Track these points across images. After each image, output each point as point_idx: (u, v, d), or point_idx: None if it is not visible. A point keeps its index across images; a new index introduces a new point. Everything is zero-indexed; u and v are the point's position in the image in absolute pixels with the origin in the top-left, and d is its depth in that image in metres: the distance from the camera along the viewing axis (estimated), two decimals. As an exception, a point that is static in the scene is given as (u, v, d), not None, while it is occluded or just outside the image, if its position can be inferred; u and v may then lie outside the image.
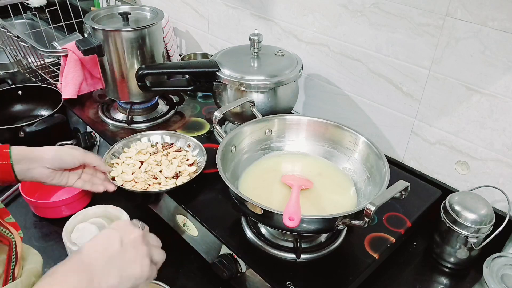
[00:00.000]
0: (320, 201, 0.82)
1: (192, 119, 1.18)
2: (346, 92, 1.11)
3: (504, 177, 0.91)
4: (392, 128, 1.06)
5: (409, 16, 0.92)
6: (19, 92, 1.34)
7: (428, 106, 0.97)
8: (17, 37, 1.27)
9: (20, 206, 1.02)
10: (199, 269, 0.87)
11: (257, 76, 0.98)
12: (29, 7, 1.95)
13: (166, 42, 1.36)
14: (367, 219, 0.66)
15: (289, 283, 0.73)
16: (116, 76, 1.13)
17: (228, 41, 1.38)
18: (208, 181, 0.94)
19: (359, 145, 0.86)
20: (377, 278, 0.84)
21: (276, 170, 0.89)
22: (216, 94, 1.05)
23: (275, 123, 0.92)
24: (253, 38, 1.01)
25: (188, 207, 0.88)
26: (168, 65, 1.13)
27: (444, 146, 0.97)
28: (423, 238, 0.95)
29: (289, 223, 0.66)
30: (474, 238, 0.83)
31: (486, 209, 0.83)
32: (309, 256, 0.79)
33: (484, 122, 0.89)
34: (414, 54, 0.94)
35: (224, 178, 0.73)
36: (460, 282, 0.87)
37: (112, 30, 1.06)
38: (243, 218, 0.85)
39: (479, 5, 0.81)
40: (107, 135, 1.12)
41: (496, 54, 0.82)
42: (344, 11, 1.03)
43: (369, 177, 0.82)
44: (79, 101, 1.25)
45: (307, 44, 1.14)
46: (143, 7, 1.17)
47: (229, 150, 0.84)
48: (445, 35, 0.88)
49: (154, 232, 0.95)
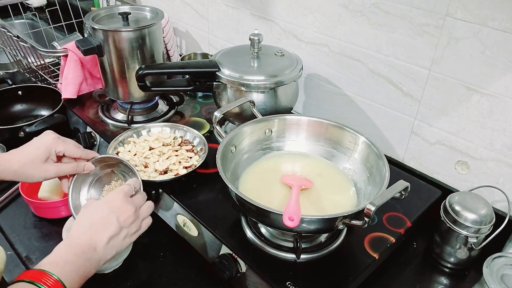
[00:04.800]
0: (320, 201, 0.82)
1: (192, 119, 1.18)
2: (346, 92, 1.11)
3: (504, 177, 0.90)
4: (392, 128, 1.06)
5: (409, 16, 0.92)
6: (19, 92, 1.34)
7: (428, 106, 0.97)
8: (17, 37, 1.27)
9: (20, 206, 1.02)
10: (199, 269, 0.87)
11: (257, 76, 0.98)
12: (29, 7, 1.95)
13: (166, 42, 1.36)
14: (367, 219, 0.66)
15: (289, 283, 0.73)
16: (116, 76, 1.13)
17: (228, 41, 1.38)
18: (208, 181, 0.95)
19: (359, 145, 0.86)
20: (377, 278, 0.84)
21: (276, 170, 0.89)
22: (216, 94, 1.05)
23: (275, 123, 0.92)
24: (253, 38, 1.01)
25: (188, 207, 0.88)
26: (168, 65, 1.13)
27: (444, 146, 0.97)
28: (423, 238, 0.95)
29: (289, 223, 0.66)
30: (474, 238, 0.83)
31: (486, 209, 0.83)
32: (309, 256, 0.79)
33: (484, 122, 0.89)
34: (414, 54, 0.94)
35: (224, 178, 0.73)
36: (460, 282, 0.87)
37: (112, 30, 1.06)
38: (243, 218, 0.85)
39: (479, 5, 0.81)
40: (107, 135, 1.12)
41: (496, 54, 0.82)
42: (344, 11, 1.03)
43: (369, 177, 0.82)
44: (79, 101, 1.25)
45: (307, 44, 1.14)
46: (143, 7, 1.17)
47: (229, 150, 0.84)
48: (445, 35, 0.88)
49: (154, 232, 0.96)
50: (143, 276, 0.86)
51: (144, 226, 0.75)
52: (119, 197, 0.72)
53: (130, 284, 0.84)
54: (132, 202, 0.73)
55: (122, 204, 0.72)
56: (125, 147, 1.01)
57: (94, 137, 1.14)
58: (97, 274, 0.84)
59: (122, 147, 1.01)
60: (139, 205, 0.75)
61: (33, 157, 0.78)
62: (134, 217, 0.72)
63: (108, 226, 0.69)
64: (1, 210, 1.01)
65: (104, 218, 0.69)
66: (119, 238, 0.70)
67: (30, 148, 0.79)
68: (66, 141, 0.82)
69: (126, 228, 0.70)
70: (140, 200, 0.76)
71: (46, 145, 0.79)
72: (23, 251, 0.91)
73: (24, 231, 0.96)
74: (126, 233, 0.71)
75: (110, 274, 0.86)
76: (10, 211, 1.01)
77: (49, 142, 0.80)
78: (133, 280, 0.85)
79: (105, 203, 0.72)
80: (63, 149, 0.80)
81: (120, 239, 0.70)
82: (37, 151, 0.78)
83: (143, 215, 0.74)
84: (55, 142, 0.80)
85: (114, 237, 0.69)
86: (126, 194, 0.74)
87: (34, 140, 0.81)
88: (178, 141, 1.04)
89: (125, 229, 0.70)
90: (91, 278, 0.85)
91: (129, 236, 0.71)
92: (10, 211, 1.01)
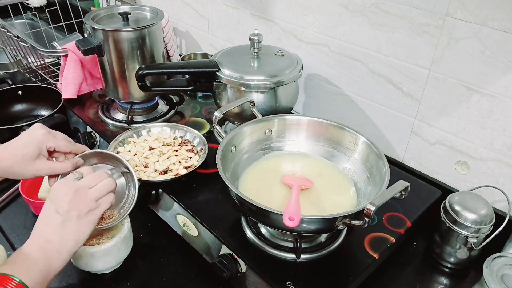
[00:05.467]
0: (320, 201, 0.82)
1: (192, 119, 1.18)
2: (346, 92, 1.11)
3: (504, 177, 0.90)
4: (392, 128, 1.06)
5: (409, 16, 0.92)
6: (19, 92, 1.34)
7: (428, 106, 0.97)
8: (17, 37, 1.27)
9: (20, 206, 1.02)
10: (199, 269, 0.87)
11: (257, 76, 0.98)
12: (29, 7, 1.95)
13: (166, 42, 1.36)
14: (367, 219, 0.66)
15: (289, 283, 0.73)
16: (116, 76, 1.13)
17: (228, 41, 1.38)
18: (208, 181, 0.95)
19: (359, 145, 0.86)
20: (377, 278, 0.84)
21: (276, 170, 0.89)
22: (216, 94, 1.05)
23: (275, 123, 0.92)
24: (253, 38, 1.01)
25: (188, 207, 0.88)
26: (168, 65, 1.13)
27: (444, 146, 0.97)
28: (423, 238, 0.95)
29: (289, 223, 0.66)
30: (474, 238, 0.83)
31: (486, 209, 0.83)
32: (309, 256, 0.79)
33: (484, 122, 0.89)
34: (414, 54, 0.94)
35: (224, 178, 0.73)
36: (460, 282, 0.87)
37: (112, 30, 1.06)
38: (243, 218, 0.85)
39: (479, 5, 0.81)
40: (107, 135, 1.12)
41: (496, 54, 0.82)
42: (344, 11, 1.03)
43: (369, 177, 0.82)
44: (79, 101, 1.25)
45: (307, 44, 1.14)
46: (143, 7, 1.17)
47: (229, 150, 0.84)
48: (445, 35, 0.88)
49: (154, 232, 0.96)
50: (143, 276, 0.86)
51: (103, 203, 0.73)
52: (56, 186, 0.72)
53: (130, 284, 0.84)
54: (72, 185, 0.71)
55: (59, 191, 0.71)
56: (125, 147, 1.01)
57: (94, 137, 1.14)
58: (97, 274, 0.84)
59: (122, 147, 1.01)
60: (85, 185, 0.72)
61: (24, 155, 0.76)
62: (75, 197, 0.70)
63: (52, 217, 0.68)
64: (1, 210, 1.01)
65: (46, 211, 0.70)
66: (70, 223, 0.68)
67: (20, 144, 0.77)
68: (57, 136, 0.80)
69: (71, 211, 0.68)
70: (88, 181, 0.74)
71: (36, 142, 0.77)
72: (23, 251, 0.91)
73: (24, 231, 0.96)
74: (75, 215, 0.69)
75: (110, 274, 0.86)
76: (10, 211, 1.01)
77: (39, 138, 0.77)
78: (133, 280, 0.85)
79: (48, 197, 0.71)
80: (53, 145, 0.79)
81: (72, 224, 0.68)
82: (27, 148, 0.76)
83: (95, 193, 0.72)
84: (46, 138, 0.78)
85: (62, 224, 0.68)
86: (65, 180, 0.73)
87: (23, 135, 0.78)
88: (178, 141, 1.04)
89: (71, 212, 0.68)
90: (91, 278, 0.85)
91: (83, 216, 0.69)
92: (10, 211, 1.01)
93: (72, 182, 0.73)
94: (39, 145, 0.77)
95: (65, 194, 0.70)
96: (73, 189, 0.71)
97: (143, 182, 0.92)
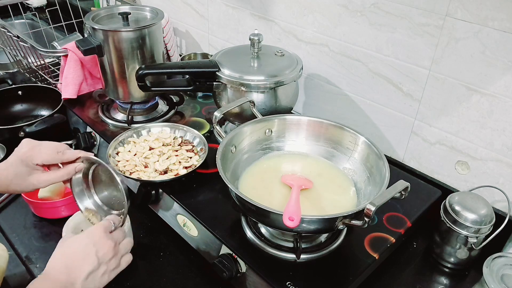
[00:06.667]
0: (320, 201, 0.82)
1: (192, 119, 1.18)
2: (346, 92, 1.11)
3: (504, 177, 0.90)
4: (392, 128, 1.06)
5: (409, 16, 0.92)
6: (19, 92, 1.34)
7: (428, 106, 0.97)
8: (17, 37, 1.27)
9: (20, 206, 1.02)
10: (199, 269, 0.87)
11: (257, 76, 0.98)
12: (29, 7, 1.95)
13: (166, 42, 1.37)
14: (367, 219, 0.66)
15: (289, 283, 0.73)
16: (116, 76, 1.13)
17: (228, 41, 1.38)
18: (208, 181, 0.95)
19: (359, 145, 0.86)
20: (377, 278, 0.84)
21: (276, 170, 0.89)
22: (216, 94, 1.05)
23: (275, 123, 0.92)
24: (253, 38, 1.01)
25: (188, 207, 0.88)
26: (168, 65, 1.13)
27: (444, 146, 0.97)
28: (423, 238, 0.95)
29: (289, 223, 0.66)
30: (474, 238, 0.83)
31: (486, 209, 0.83)
32: (309, 256, 0.79)
33: (484, 122, 0.89)
34: (414, 54, 0.94)
35: (224, 178, 0.73)
36: (460, 282, 0.87)
37: (112, 30, 1.06)
38: (243, 218, 0.85)
39: (479, 5, 0.81)
40: (107, 135, 1.12)
41: (496, 54, 0.82)
42: (344, 11, 1.03)
43: (369, 177, 0.82)
44: (79, 101, 1.25)
45: (307, 44, 1.14)
46: (143, 7, 1.17)
47: (229, 150, 0.84)
48: (445, 35, 0.88)
49: (154, 232, 0.96)
50: (143, 276, 0.86)
51: (123, 262, 0.72)
52: (98, 232, 0.69)
53: (130, 284, 0.84)
54: (112, 237, 0.70)
55: (101, 238, 0.68)
56: (125, 147, 1.01)
57: (94, 137, 1.14)
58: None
59: (122, 147, 1.01)
60: (119, 240, 0.71)
61: (16, 174, 0.76)
62: (113, 252, 0.69)
63: (87, 261, 0.66)
64: (1, 210, 1.01)
65: (83, 252, 0.66)
66: (98, 274, 0.67)
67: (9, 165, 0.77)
68: (43, 150, 0.78)
69: (105, 264, 0.67)
70: (120, 235, 0.73)
71: (21, 162, 0.77)
72: (23, 251, 0.91)
73: (24, 231, 0.96)
74: (105, 269, 0.67)
75: (110, 274, 0.85)
76: (10, 211, 1.02)
77: (22, 157, 0.77)
78: (133, 280, 0.85)
79: (84, 237, 0.68)
80: (40, 161, 0.77)
81: (98, 275, 0.67)
82: (18, 168, 0.76)
83: (122, 251, 0.71)
84: (30, 156, 0.77)
85: (93, 273, 0.66)
86: (106, 228, 0.70)
87: (12, 155, 0.78)
88: (178, 141, 1.04)
89: (103, 265, 0.67)
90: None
91: (108, 272, 0.68)
92: (10, 211, 1.01)
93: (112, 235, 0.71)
94: (26, 164, 0.77)
95: (107, 244, 0.68)
96: (113, 244, 0.69)
97: (143, 182, 0.92)
